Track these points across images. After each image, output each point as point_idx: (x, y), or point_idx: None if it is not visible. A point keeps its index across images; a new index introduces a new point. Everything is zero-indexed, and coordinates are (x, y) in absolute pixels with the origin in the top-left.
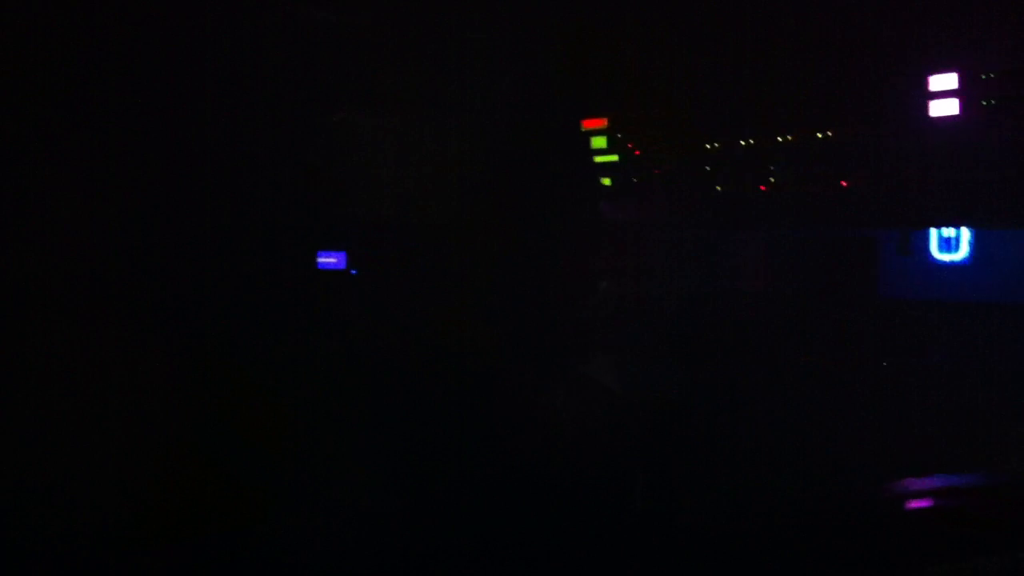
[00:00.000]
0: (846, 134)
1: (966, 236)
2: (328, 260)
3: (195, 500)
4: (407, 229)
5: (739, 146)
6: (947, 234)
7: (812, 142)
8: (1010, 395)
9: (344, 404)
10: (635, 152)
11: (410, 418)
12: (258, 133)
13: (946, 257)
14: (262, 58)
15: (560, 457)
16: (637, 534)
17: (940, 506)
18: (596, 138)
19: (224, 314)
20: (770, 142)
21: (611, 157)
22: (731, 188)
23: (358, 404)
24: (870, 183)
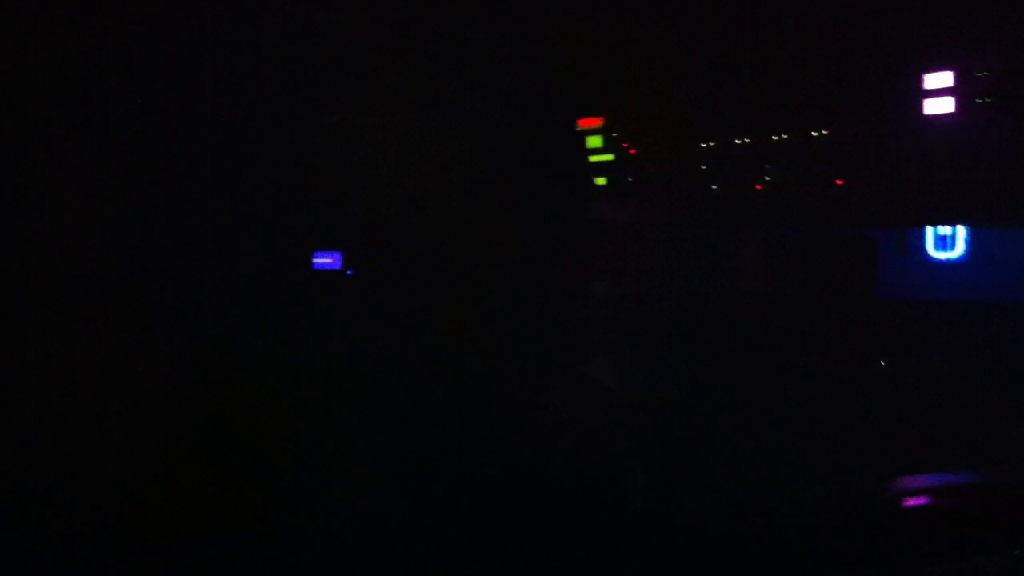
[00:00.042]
0: (845, 134)
1: (962, 234)
2: (324, 260)
3: (195, 500)
4: (405, 229)
5: (739, 146)
6: (943, 232)
7: (811, 142)
8: (1009, 395)
9: (343, 404)
10: (635, 152)
11: (410, 418)
12: (257, 133)
13: (942, 255)
14: (261, 58)
15: (560, 457)
16: (637, 534)
17: (940, 506)
18: (595, 138)
19: (222, 314)
20: (769, 142)
21: (611, 157)
22: (731, 188)
23: (358, 404)
24: (869, 182)
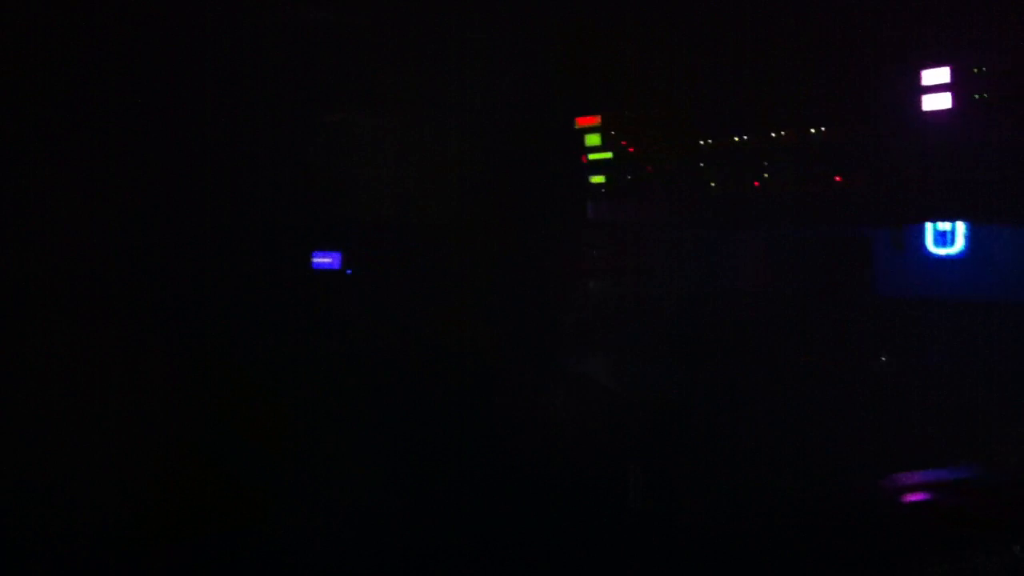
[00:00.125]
0: (844, 131)
1: (961, 230)
2: (323, 260)
3: (195, 500)
4: (405, 229)
5: (738, 146)
6: (942, 228)
7: (810, 139)
8: (1009, 394)
9: (343, 404)
10: (634, 152)
11: (409, 418)
12: (257, 133)
13: (941, 251)
14: (261, 58)
15: (560, 457)
16: (637, 534)
17: (939, 505)
18: (595, 137)
19: (222, 313)
20: (768, 141)
21: (609, 155)
22: (730, 188)
23: (357, 404)
24: (868, 180)
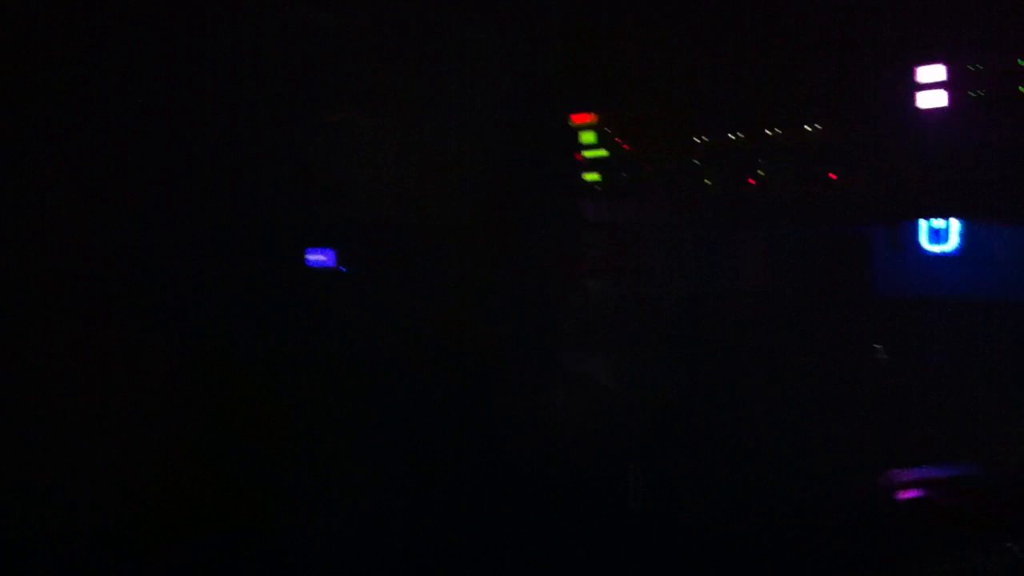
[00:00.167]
0: (843, 132)
1: (955, 227)
2: (318, 258)
3: (194, 500)
4: (404, 229)
5: (737, 144)
6: (937, 225)
7: (808, 137)
8: (1009, 394)
9: (343, 404)
10: (633, 151)
11: (409, 418)
12: (256, 133)
13: (936, 248)
14: (261, 58)
15: (560, 457)
16: (637, 534)
17: (939, 505)
18: (592, 136)
19: (222, 313)
20: (767, 140)
21: (606, 154)
22: (729, 187)
23: (357, 404)
24: (867, 180)
